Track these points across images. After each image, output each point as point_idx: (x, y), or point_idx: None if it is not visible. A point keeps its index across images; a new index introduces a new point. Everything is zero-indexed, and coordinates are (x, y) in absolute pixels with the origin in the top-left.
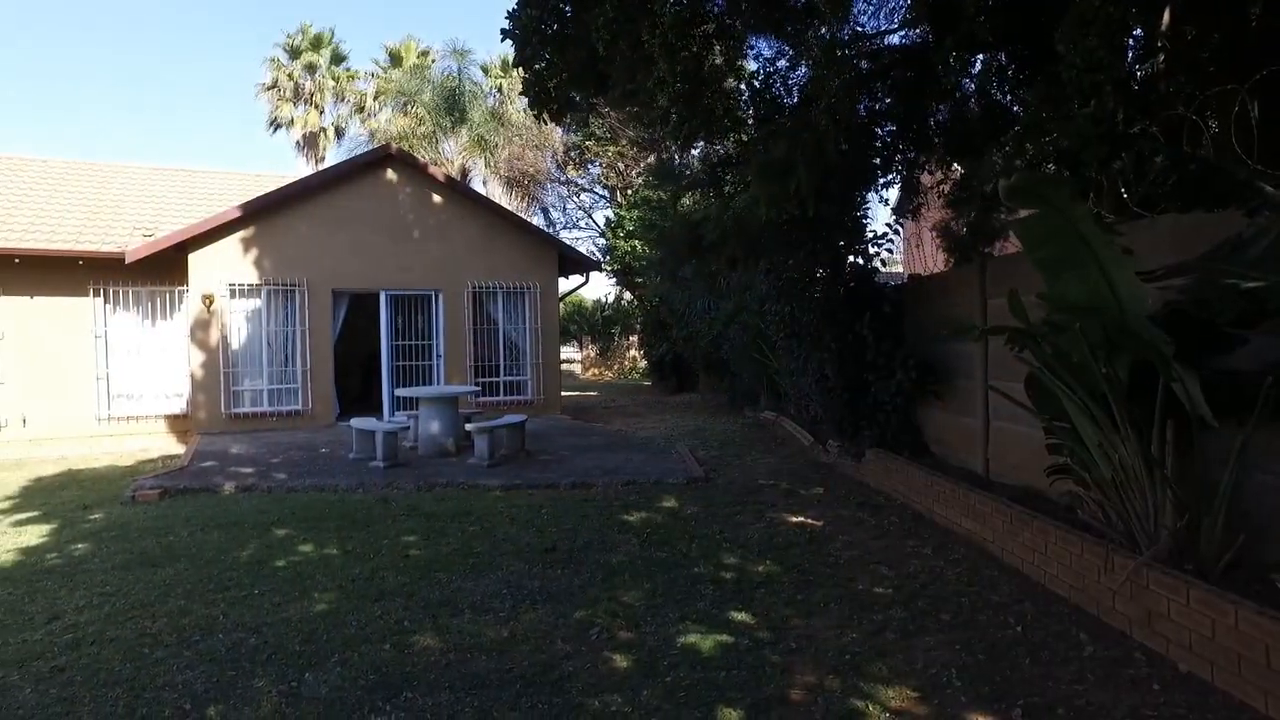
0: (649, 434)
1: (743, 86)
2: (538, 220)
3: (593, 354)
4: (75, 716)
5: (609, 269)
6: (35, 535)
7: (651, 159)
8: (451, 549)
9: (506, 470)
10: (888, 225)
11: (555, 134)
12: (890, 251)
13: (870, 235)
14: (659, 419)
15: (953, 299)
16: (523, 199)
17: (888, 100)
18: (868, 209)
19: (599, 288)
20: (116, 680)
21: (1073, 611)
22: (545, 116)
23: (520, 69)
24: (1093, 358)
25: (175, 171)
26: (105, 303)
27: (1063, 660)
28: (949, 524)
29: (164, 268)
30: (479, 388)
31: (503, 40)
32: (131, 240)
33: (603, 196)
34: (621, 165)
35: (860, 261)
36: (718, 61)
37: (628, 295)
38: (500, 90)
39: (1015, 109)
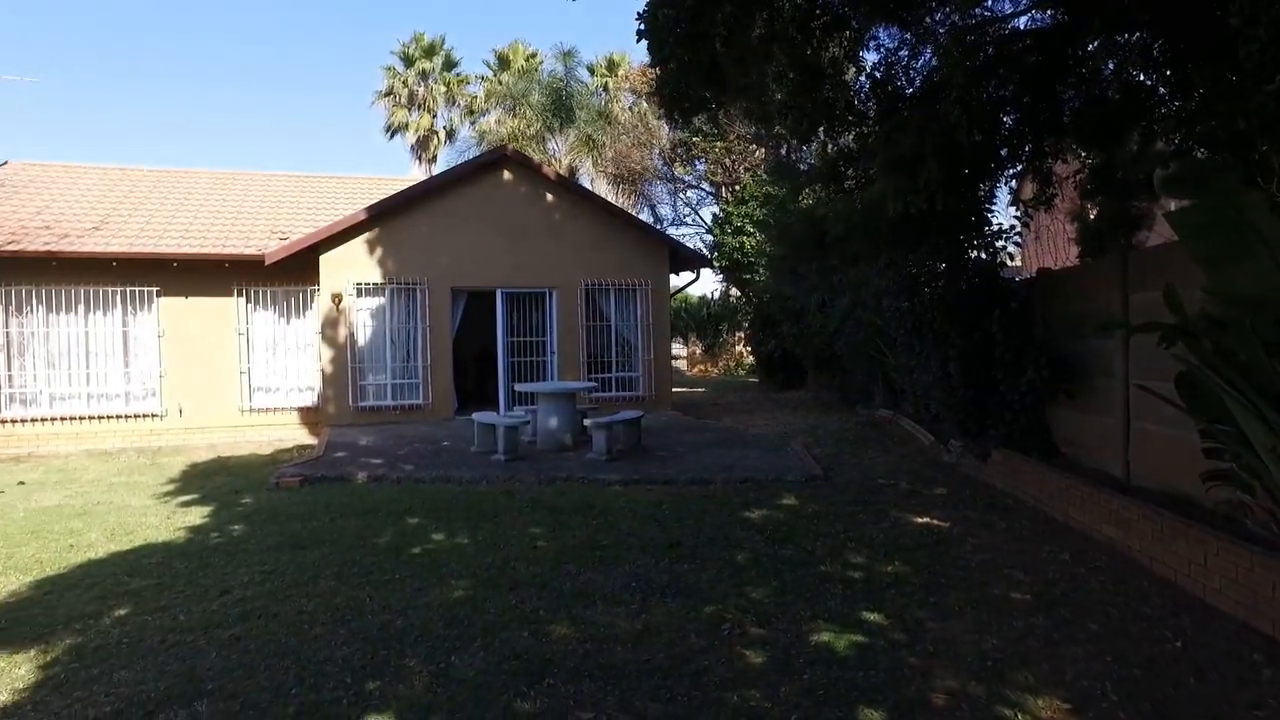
0: (761, 431)
1: (863, 79)
2: (644, 217)
3: (698, 350)
4: (254, 679)
5: (718, 265)
6: (198, 516)
7: (760, 154)
8: (577, 542)
9: (624, 465)
10: (1015, 218)
11: (661, 131)
12: (1018, 244)
13: (996, 228)
14: (769, 416)
15: (1089, 294)
16: (629, 196)
17: (1016, 86)
18: (994, 201)
19: (704, 284)
20: (284, 651)
21: (1241, 630)
22: (676, 115)
23: (656, 69)
24: (1265, 355)
25: (305, 178)
26: (247, 302)
27: (1237, 683)
28: (1087, 529)
29: (297, 269)
30: (596, 384)
31: (639, 41)
32: (269, 243)
33: (709, 193)
34: (729, 161)
35: (984, 256)
36: (836, 54)
37: (735, 291)
38: (605, 89)
39: (1160, 91)
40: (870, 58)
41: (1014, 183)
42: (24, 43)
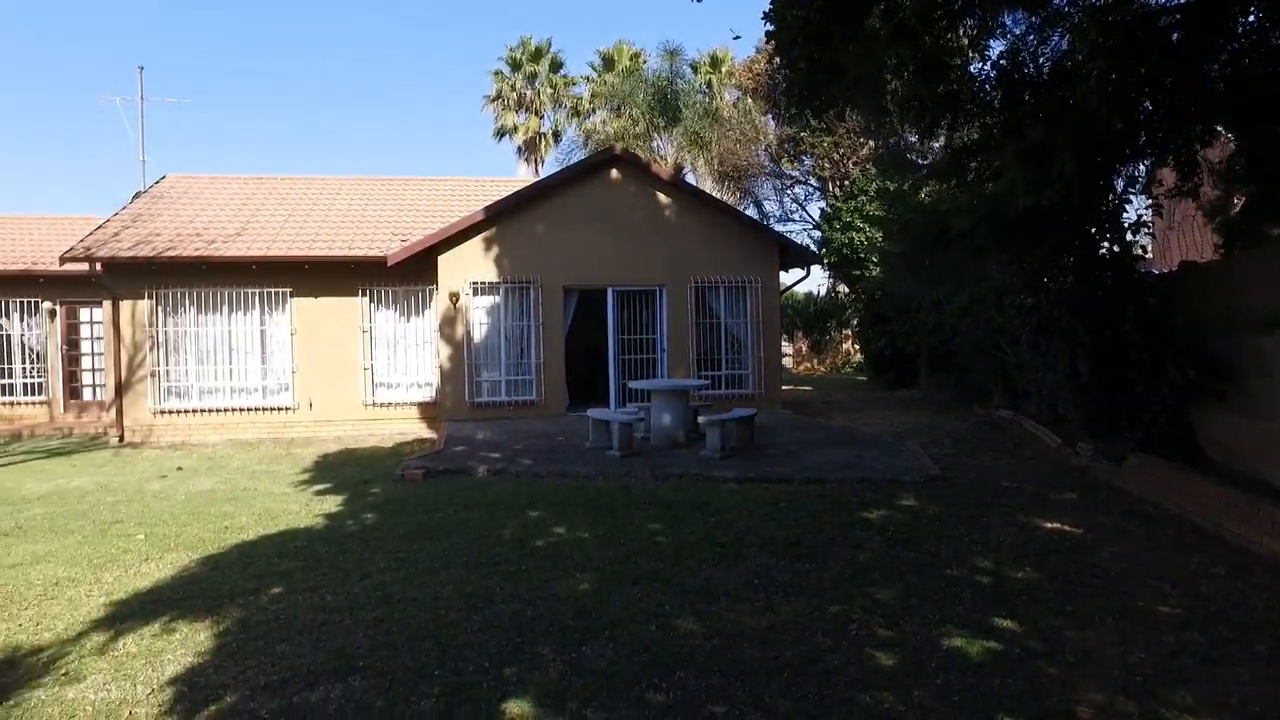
0: (874, 430)
1: (987, 68)
2: (750, 214)
3: (804, 347)
4: (399, 659)
5: (826, 261)
6: (333, 504)
7: (870, 147)
8: (696, 538)
9: (738, 463)
10: (1147, 208)
11: (768, 127)
12: (1153, 236)
13: (1132, 220)
14: (881, 415)
15: (1244, 288)
16: (735, 193)
17: (1158, 67)
18: (1129, 192)
19: (810, 280)
20: (424, 634)
21: None
22: (804, 114)
23: (780, 66)
24: None
25: (423, 181)
26: (370, 302)
27: None
28: (1244, 542)
29: (417, 269)
30: (708, 381)
31: (767, 41)
32: (391, 245)
33: (816, 188)
34: (837, 155)
35: (1117, 249)
36: (962, 43)
37: (843, 288)
38: (709, 86)
39: None
40: (995, 46)
41: (1145, 171)
42: (177, 67)
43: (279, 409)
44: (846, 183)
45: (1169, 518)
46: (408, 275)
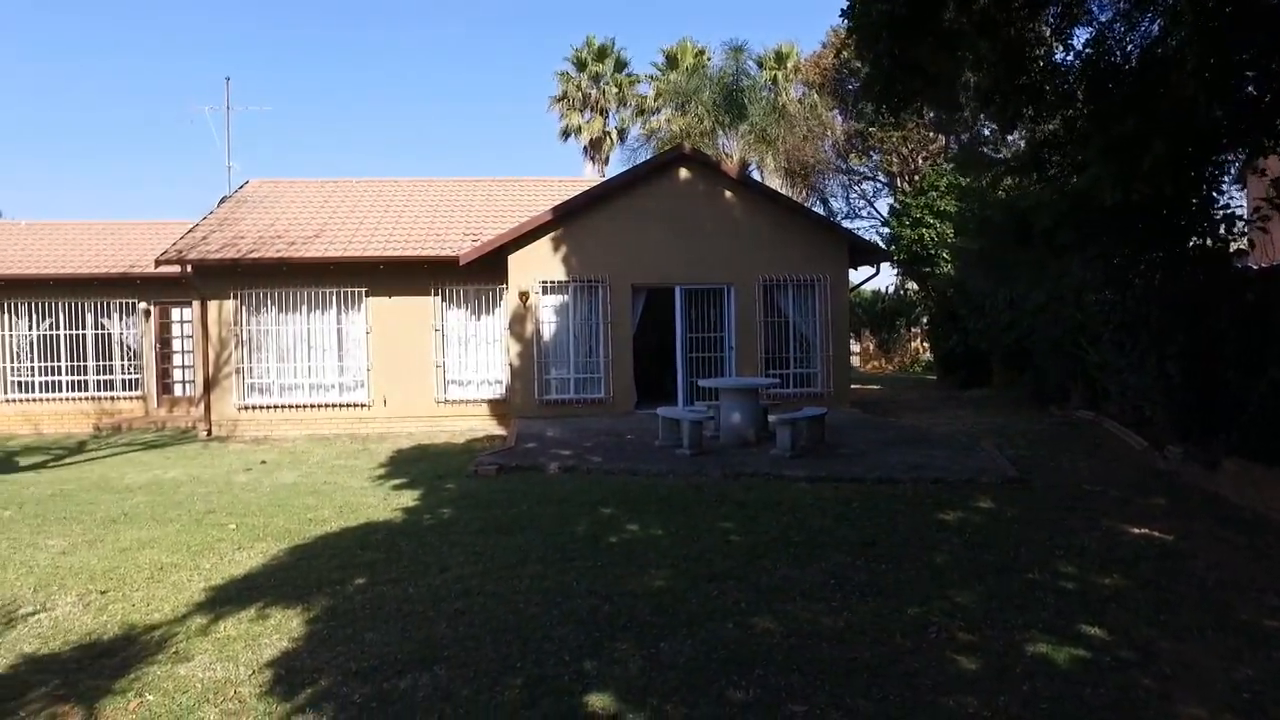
0: (946, 430)
1: (1070, 57)
2: (817, 211)
3: (871, 346)
4: (482, 650)
5: (896, 258)
6: (409, 498)
7: (940, 142)
8: (770, 537)
9: (809, 463)
10: (1264, 199)
11: (835, 122)
12: (1263, 230)
13: (1227, 213)
14: (953, 414)
15: None
16: (801, 190)
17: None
18: (1222, 183)
19: (878, 278)
20: (505, 627)
21: None
22: (885, 110)
23: (869, 65)
24: None
25: (493, 182)
26: (442, 301)
27: None
28: None
29: (487, 268)
30: (778, 380)
31: (848, 38)
32: (462, 245)
33: (884, 184)
34: (906, 150)
35: (1210, 244)
36: (1044, 33)
37: (912, 285)
38: (774, 82)
39: None
40: (1079, 35)
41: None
42: (258, 77)
43: (355, 405)
44: (916, 178)
45: (1271, 526)
46: (479, 274)
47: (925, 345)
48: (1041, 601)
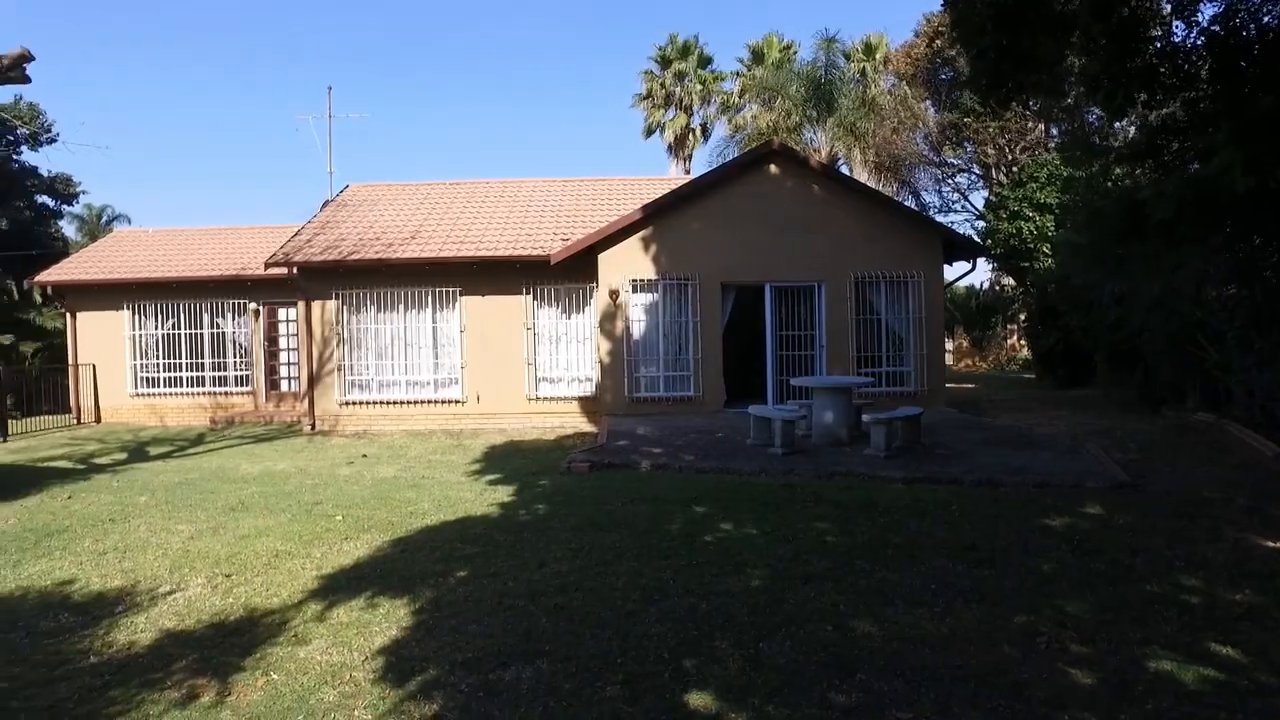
0: (1048, 431)
1: (1194, 35)
2: (909, 205)
3: (965, 344)
4: (582, 645)
5: (993, 252)
6: (505, 494)
7: (1039, 131)
8: (867, 539)
9: (904, 463)
10: None
11: (927, 114)
12: None
13: None
14: (1054, 415)
15: None
16: (892, 184)
17: None
18: None
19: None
20: (603, 623)
21: None
22: (992, 101)
23: (976, 56)
24: None
25: (581, 181)
26: (533, 299)
27: None
28: None
29: (577, 267)
30: (873, 379)
31: (952, 30)
32: (553, 245)
33: (979, 176)
34: (1003, 141)
35: None
36: (1164, 11)
37: (1009, 281)
38: (863, 74)
39: None
40: (1205, 11)
41: None
42: (356, 86)
43: (449, 402)
44: (1014, 169)
45: None
46: (569, 273)
47: (1022, 343)
48: (1162, 615)
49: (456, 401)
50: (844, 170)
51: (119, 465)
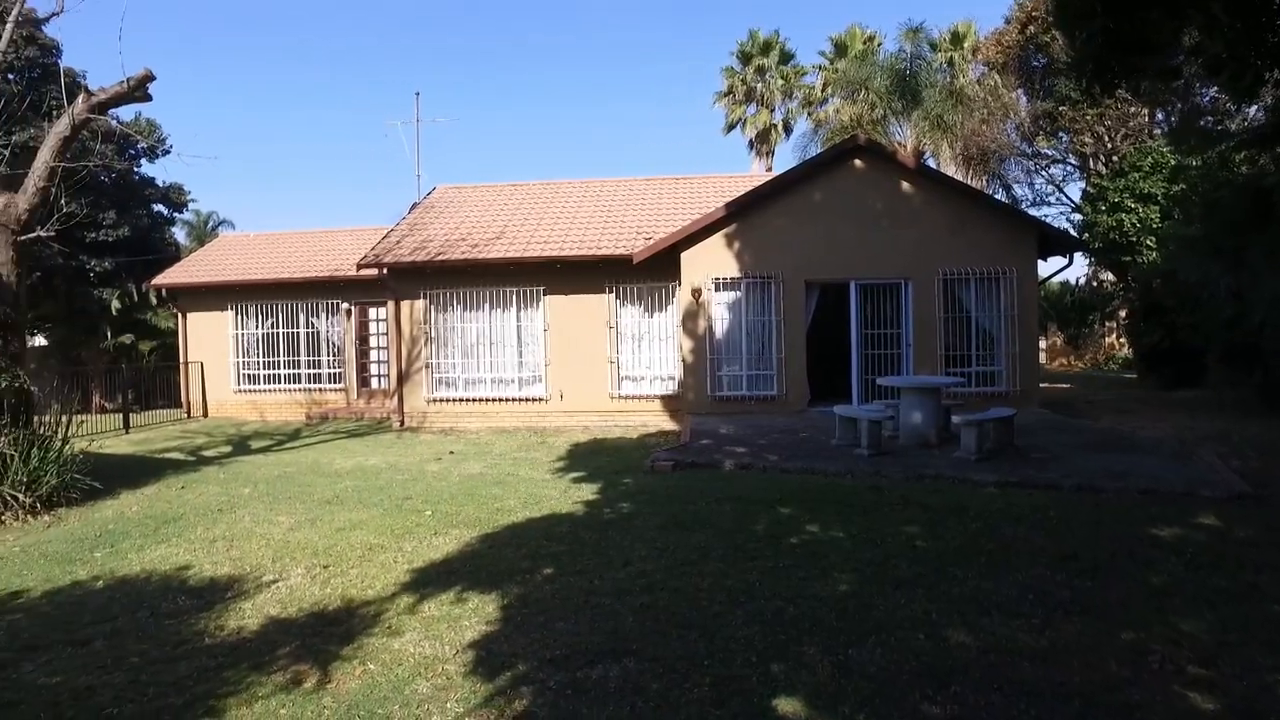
0: (1153, 435)
1: None
2: (1000, 199)
3: (1059, 342)
4: (668, 646)
5: (1092, 246)
6: (589, 492)
7: (1141, 118)
8: (958, 544)
9: (997, 466)
10: None
11: (1019, 103)
12: None
13: None
14: (1159, 417)
15: None
16: (981, 177)
17: None
18: None
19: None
20: (690, 624)
21: None
22: (1097, 90)
23: (1082, 41)
24: None
25: (663, 180)
26: (616, 298)
27: None
28: None
29: (659, 266)
30: (963, 379)
31: (1056, 15)
32: (635, 243)
33: (1075, 166)
34: (1102, 129)
35: None
36: None
37: (1108, 276)
38: (950, 64)
39: None
40: None
41: None
42: (442, 90)
43: (533, 399)
44: (1114, 159)
45: None
46: (651, 272)
47: (1122, 341)
48: None
49: (540, 399)
50: (931, 164)
51: (224, 458)
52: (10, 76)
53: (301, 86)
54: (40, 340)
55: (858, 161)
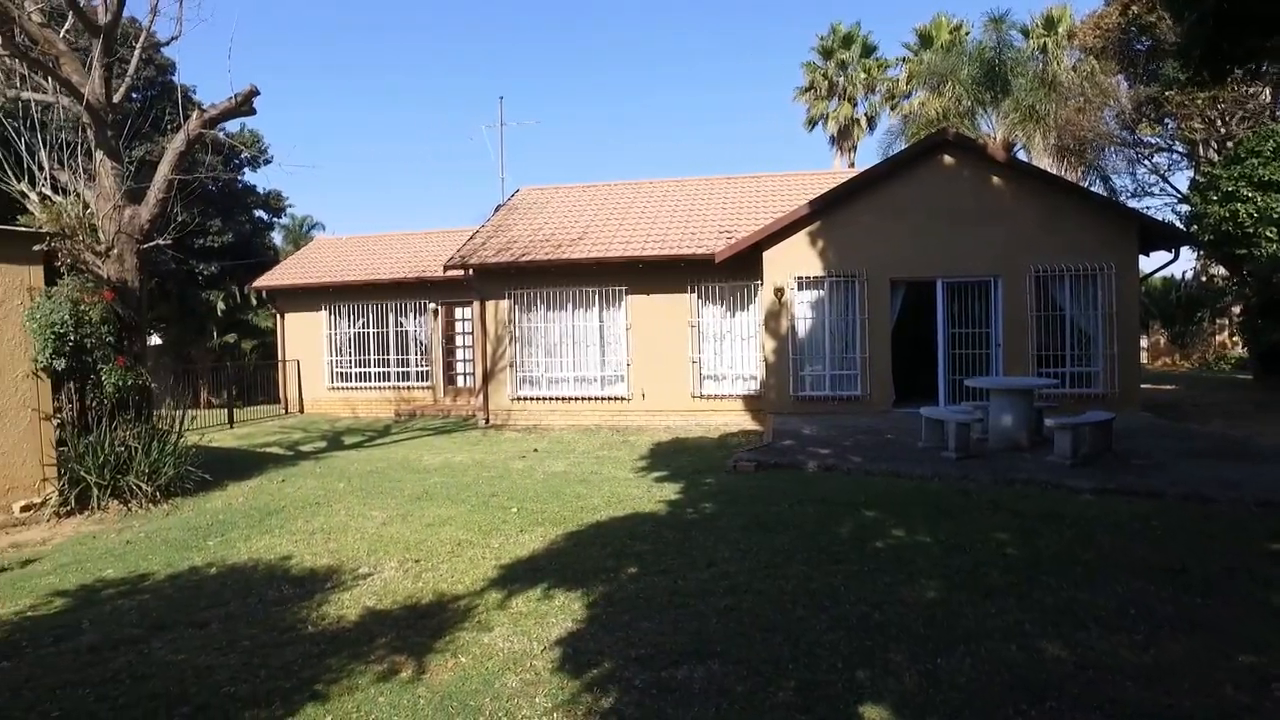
0: (1273, 442)
1: None
2: (1098, 191)
3: (1163, 340)
4: (753, 649)
5: (1202, 239)
6: (670, 492)
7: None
8: (1052, 553)
9: (1094, 472)
10: None
11: (1119, 89)
12: None
13: None
14: (1278, 422)
15: None
16: (1077, 169)
17: None
18: None
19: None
20: (774, 627)
21: None
22: (1206, 74)
23: (1193, 22)
24: None
25: (745, 178)
26: (698, 298)
27: None
28: None
29: (741, 265)
30: (1057, 380)
31: (1166, 3)
32: (717, 243)
33: (1182, 154)
34: (1215, 112)
35: None
36: None
37: (1219, 270)
38: (1043, 51)
39: None
40: None
41: None
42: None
43: (615, 398)
44: (1228, 144)
45: None
46: (733, 271)
47: (1235, 339)
48: None
49: (622, 398)
50: (1021, 156)
51: (319, 453)
52: (133, 96)
53: (390, 91)
54: (155, 340)
55: (945, 156)
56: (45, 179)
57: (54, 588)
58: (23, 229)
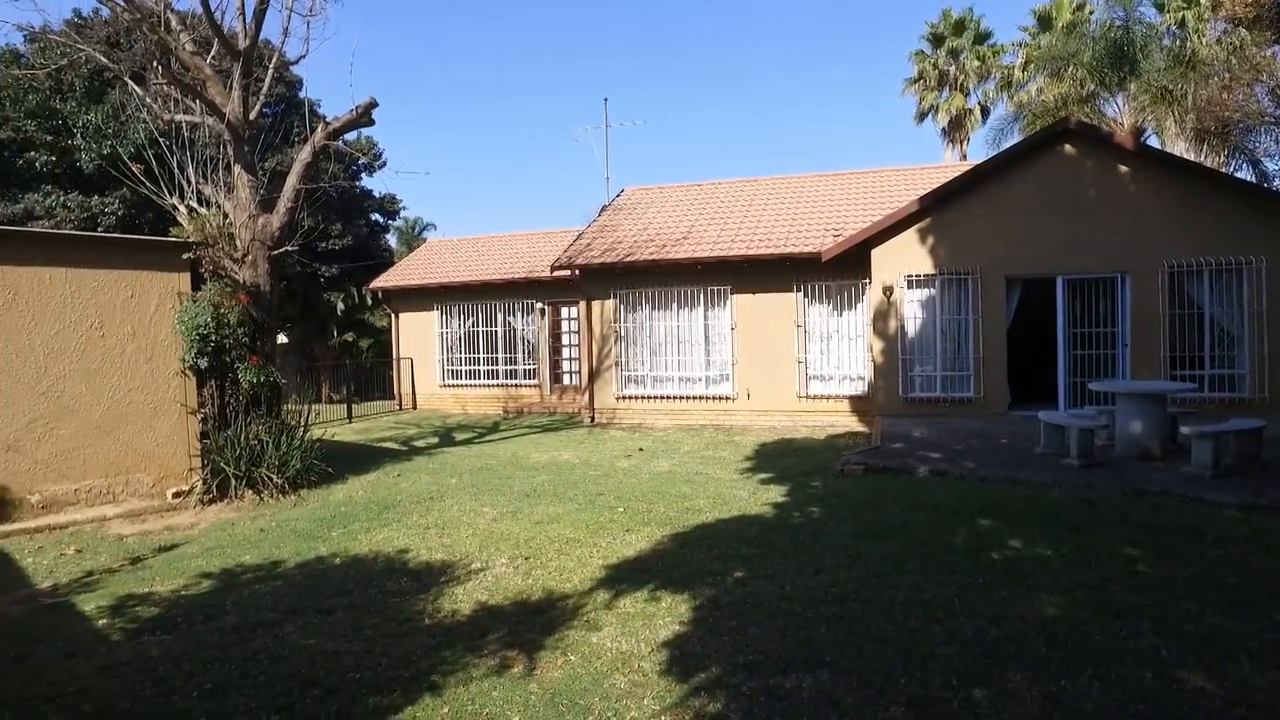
0: None
1: None
2: (1244, 178)
3: None
4: (863, 660)
5: None
6: (777, 494)
7: None
8: (1191, 573)
9: (1239, 485)
10: None
11: (1275, 62)
12: None
13: None
14: None
15: None
16: (1220, 153)
17: None
18: None
19: None
20: (885, 638)
21: None
22: None
23: None
24: None
25: (851, 175)
26: (804, 296)
27: None
28: None
29: (848, 263)
30: (1194, 384)
31: None
32: (824, 241)
33: None
34: None
35: None
36: None
37: None
38: (1181, 25)
39: None
40: None
41: None
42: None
43: (719, 398)
44: None
45: None
46: (840, 270)
47: None
48: None
49: (727, 398)
50: (1153, 142)
51: (432, 448)
52: (265, 112)
53: (497, 89)
54: (282, 339)
55: (1066, 146)
56: (192, 192)
57: (201, 570)
58: (173, 239)
